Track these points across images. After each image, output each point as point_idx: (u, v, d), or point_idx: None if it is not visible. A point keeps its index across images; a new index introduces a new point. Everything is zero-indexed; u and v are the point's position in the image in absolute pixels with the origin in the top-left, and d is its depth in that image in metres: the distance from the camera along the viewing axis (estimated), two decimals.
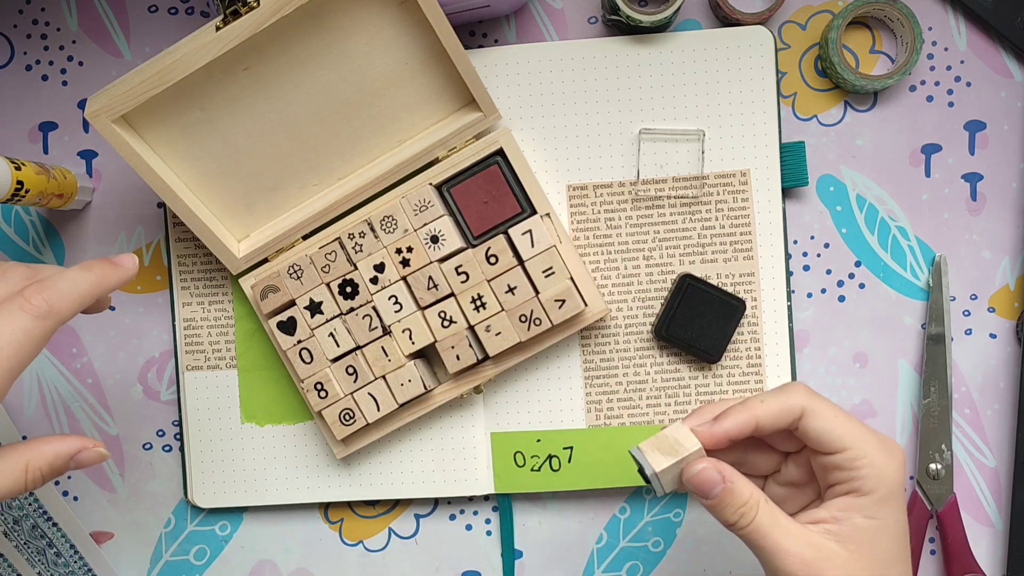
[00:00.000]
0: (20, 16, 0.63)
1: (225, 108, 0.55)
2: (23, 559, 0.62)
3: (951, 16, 0.60)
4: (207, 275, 0.62)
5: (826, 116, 0.61)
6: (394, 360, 0.58)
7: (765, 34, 0.59)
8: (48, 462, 0.45)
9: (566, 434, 0.60)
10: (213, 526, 0.64)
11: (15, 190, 0.53)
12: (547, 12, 0.61)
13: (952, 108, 0.60)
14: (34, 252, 0.63)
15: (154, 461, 0.64)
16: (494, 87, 0.59)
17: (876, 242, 0.61)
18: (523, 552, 0.63)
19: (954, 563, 0.60)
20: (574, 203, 0.60)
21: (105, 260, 0.47)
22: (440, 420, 0.61)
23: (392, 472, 0.61)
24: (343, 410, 0.58)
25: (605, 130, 0.60)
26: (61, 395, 0.64)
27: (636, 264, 0.60)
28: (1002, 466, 0.61)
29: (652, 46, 0.59)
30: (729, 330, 0.59)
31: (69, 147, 0.63)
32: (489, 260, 0.57)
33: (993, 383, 0.61)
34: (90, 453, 0.46)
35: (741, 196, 0.59)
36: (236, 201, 0.58)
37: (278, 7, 0.51)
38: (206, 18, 0.62)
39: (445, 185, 0.58)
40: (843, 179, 0.61)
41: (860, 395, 0.61)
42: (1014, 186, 0.61)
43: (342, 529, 0.63)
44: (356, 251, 0.57)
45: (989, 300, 0.61)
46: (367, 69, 0.56)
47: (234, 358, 0.62)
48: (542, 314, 0.57)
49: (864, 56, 0.61)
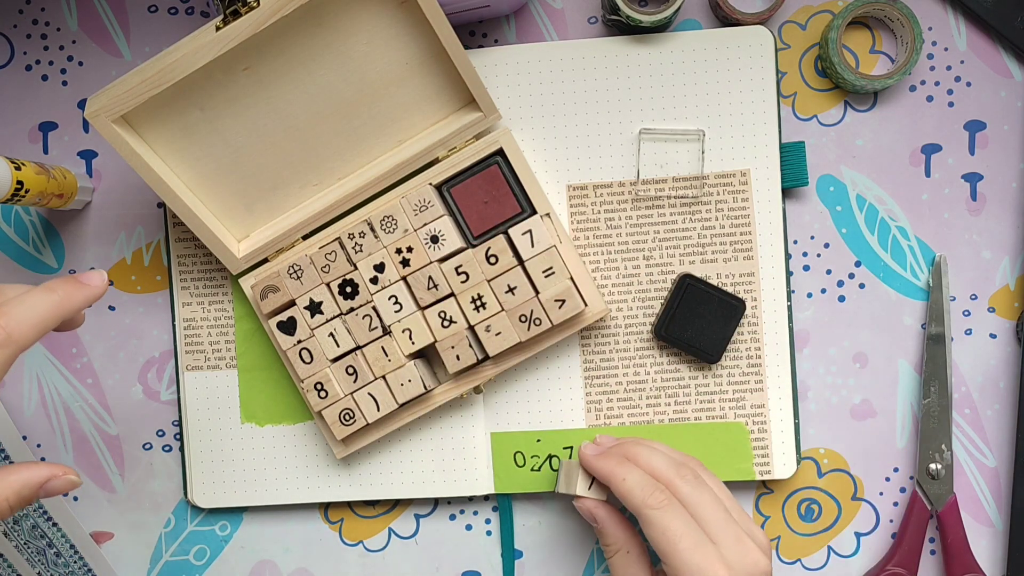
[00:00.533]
0: (20, 16, 0.63)
1: (225, 108, 0.55)
2: (23, 559, 0.62)
3: (951, 16, 0.60)
4: (207, 275, 0.62)
5: (826, 116, 0.61)
6: (394, 360, 0.58)
7: (765, 34, 0.59)
8: (15, 491, 0.43)
9: (566, 434, 0.60)
10: (213, 526, 0.64)
11: (15, 190, 0.53)
12: (547, 12, 0.61)
13: (952, 108, 0.60)
14: (34, 252, 0.63)
15: (154, 461, 0.64)
16: (494, 87, 0.59)
17: (876, 242, 0.61)
18: (523, 552, 0.63)
19: (954, 563, 0.60)
20: (574, 203, 0.60)
21: (70, 279, 0.46)
22: (440, 420, 0.61)
23: (392, 472, 0.61)
24: (343, 410, 0.58)
25: (605, 130, 0.60)
26: (61, 395, 0.64)
27: (636, 264, 0.60)
28: (1002, 466, 0.61)
29: (652, 46, 0.59)
30: (729, 330, 0.59)
31: (69, 147, 0.63)
32: (489, 260, 0.57)
33: (993, 383, 0.61)
34: (60, 481, 0.45)
35: (741, 196, 0.59)
36: (236, 201, 0.58)
37: (278, 7, 0.51)
38: (206, 18, 0.62)
39: (445, 185, 0.58)
40: (843, 179, 0.61)
41: (860, 395, 0.61)
42: (1014, 186, 0.61)
43: (342, 529, 0.63)
44: (356, 251, 0.57)
45: (989, 300, 0.61)
46: (367, 69, 0.56)
47: (234, 358, 0.62)
48: (542, 314, 0.57)
49: (864, 56, 0.61)
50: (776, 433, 0.60)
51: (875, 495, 0.61)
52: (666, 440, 0.60)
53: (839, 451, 0.61)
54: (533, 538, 0.63)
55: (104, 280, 0.47)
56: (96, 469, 0.64)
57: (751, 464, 0.60)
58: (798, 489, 0.62)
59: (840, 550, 0.62)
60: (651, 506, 0.50)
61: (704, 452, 0.60)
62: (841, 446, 0.61)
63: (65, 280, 0.46)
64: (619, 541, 0.54)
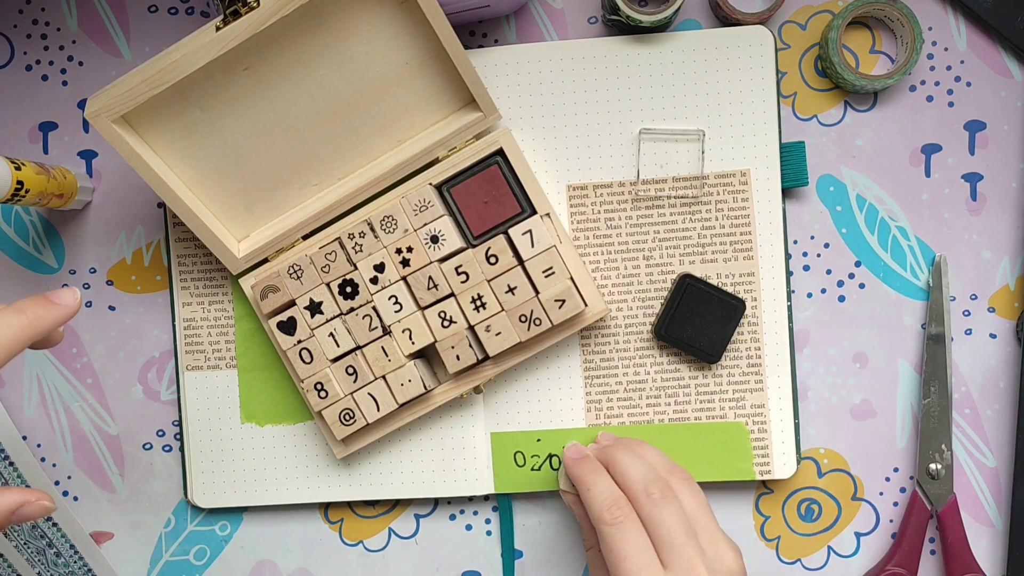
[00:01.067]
0: (20, 16, 0.63)
1: (225, 108, 0.55)
2: (23, 559, 0.62)
3: (951, 16, 0.60)
4: (207, 275, 0.62)
5: (826, 116, 0.61)
6: (394, 360, 0.58)
7: (765, 34, 0.59)
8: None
9: (566, 434, 0.60)
10: (213, 526, 0.64)
11: (15, 190, 0.53)
12: (547, 12, 0.61)
13: (952, 108, 0.60)
14: (34, 252, 0.63)
15: (154, 461, 0.64)
16: (494, 87, 0.59)
17: (876, 242, 0.61)
18: (523, 552, 0.63)
19: (954, 563, 0.60)
20: (574, 203, 0.60)
21: (41, 299, 0.45)
22: (440, 420, 0.61)
23: (392, 472, 0.61)
24: (343, 410, 0.58)
25: (605, 130, 0.60)
26: (61, 395, 0.64)
27: (636, 264, 0.60)
28: (1002, 466, 0.61)
29: (652, 46, 0.59)
30: (729, 330, 0.59)
31: (69, 147, 0.63)
32: (489, 260, 0.57)
33: (993, 383, 0.61)
34: (33, 507, 0.44)
35: (741, 196, 0.59)
36: (236, 201, 0.58)
37: (278, 7, 0.51)
38: (206, 18, 0.62)
39: (445, 185, 0.58)
40: (843, 179, 0.61)
41: (860, 395, 0.61)
42: (1014, 186, 0.61)
43: (342, 529, 0.63)
44: (356, 251, 0.57)
45: (989, 300, 0.61)
46: (367, 69, 0.56)
47: (234, 358, 0.62)
48: (542, 314, 0.57)
49: (864, 56, 0.61)
50: (776, 433, 0.60)
51: (875, 495, 0.61)
52: (666, 440, 0.60)
53: (839, 451, 0.61)
54: (533, 538, 0.63)
55: (76, 298, 0.46)
56: (96, 469, 0.64)
57: (751, 464, 0.60)
58: (798, 489, 0.62)
59: (840, 550, 0.62)
60: (606, 521, 0.49)
61: (704, 452, 0.60)
62: (841, 446, 0.61)
63: (35, 300, 0.45)
64: (591, 539, 0.56)
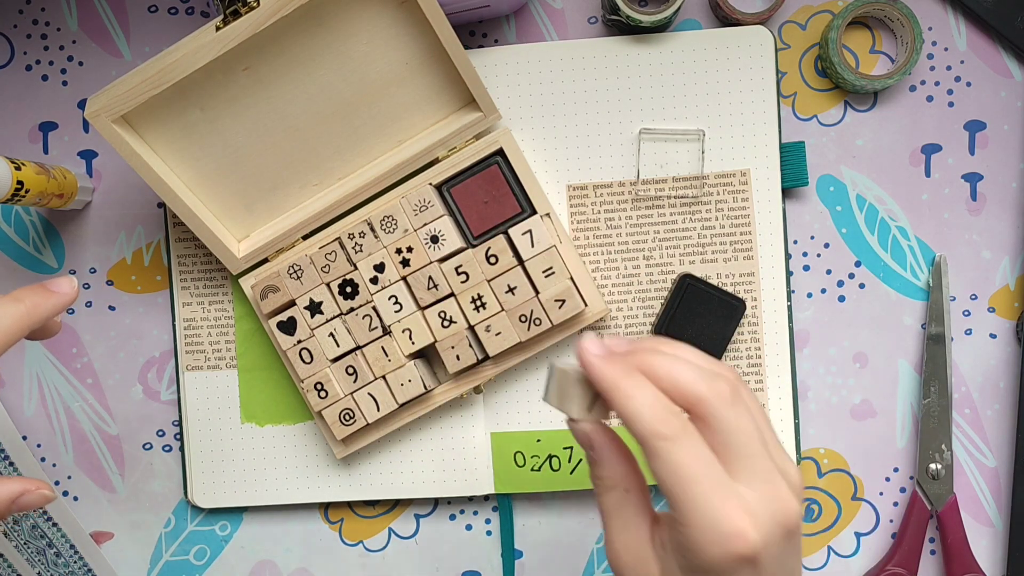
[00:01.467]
0: (20, 16, 0.63)
1: (225, 108, 0.55)
2: (23, 559, 0.62)
3: (951, 16, 0.60)
4: (207, 275, 0.62)
5: (826, 116, 0.61)
6: (394, 360, 0.58)
7: (765, 34, 0.59)
8: None
9: (566, 434, 0.60)
10: (213, 526, 0.64)
11: (15, 190, 0.53)
12: (547, 12, 0.61)
13: (952, 108, 0.60)
14: (34, 252, 0.63)
15: (154, 461, 0.64)
16: (494, 87, 0.59)
17: (876, 242, 0.61)
18: (523, 552, 0.63)
19: (954, 563, 0.60)
20: (574, 203, 0.60)
21: (38, 287, 0.45)
22: (440, 420, 0.61)
23: (392, 472, 0.61)
24: (343, 410, 0.58)
25: (605, 130, 0.60)
26: (61, 395, 0.64)
27: (636, 264, 0.60)
28: (1002, 466, 0.61)
29: (652, 46, 0.59)
30: (729, 330, 0.59)
31: (69, 147, 0.63)
32: (489, 260, 0.57)
33: (993, 383, 0.61)
34: (33, 496, 0.44)
35: (741, 196, 0.59)
36: (236, 201, 0.58)
37: (278, 7, 0.51)
38: (206, 18, 0.62)
39: (445, 185, 0.58)
40: (843, 179, 0.61)
41: (860, 395, 0.61)
42: (1014, 186, 0.61)
43: (342, 529, 0.63)
44: (356, 251, 0.57)
45: (989, 300, 0.61)
46: (367, 69, 0.56)
47: (234, 358, 0.62)
48: (542, 314, 0.57)
49: (864, 56, 0.61)
50: (776, 433, 0.59)
51: (875, 495, 0.61)
52: None
53: (839, 451, 0.61)
54: (533, 538, 0.63)
55: (74, 286, 0.46)
56: (96, 469, 0.64)
57: None
58: None
59: (840, 550, 0.62)
60: (662, 435, 0.38)
61: None
62: (841, 446, 0.61)
63: (32, 289, 0.45)
64: (616, 476, 0.42)
